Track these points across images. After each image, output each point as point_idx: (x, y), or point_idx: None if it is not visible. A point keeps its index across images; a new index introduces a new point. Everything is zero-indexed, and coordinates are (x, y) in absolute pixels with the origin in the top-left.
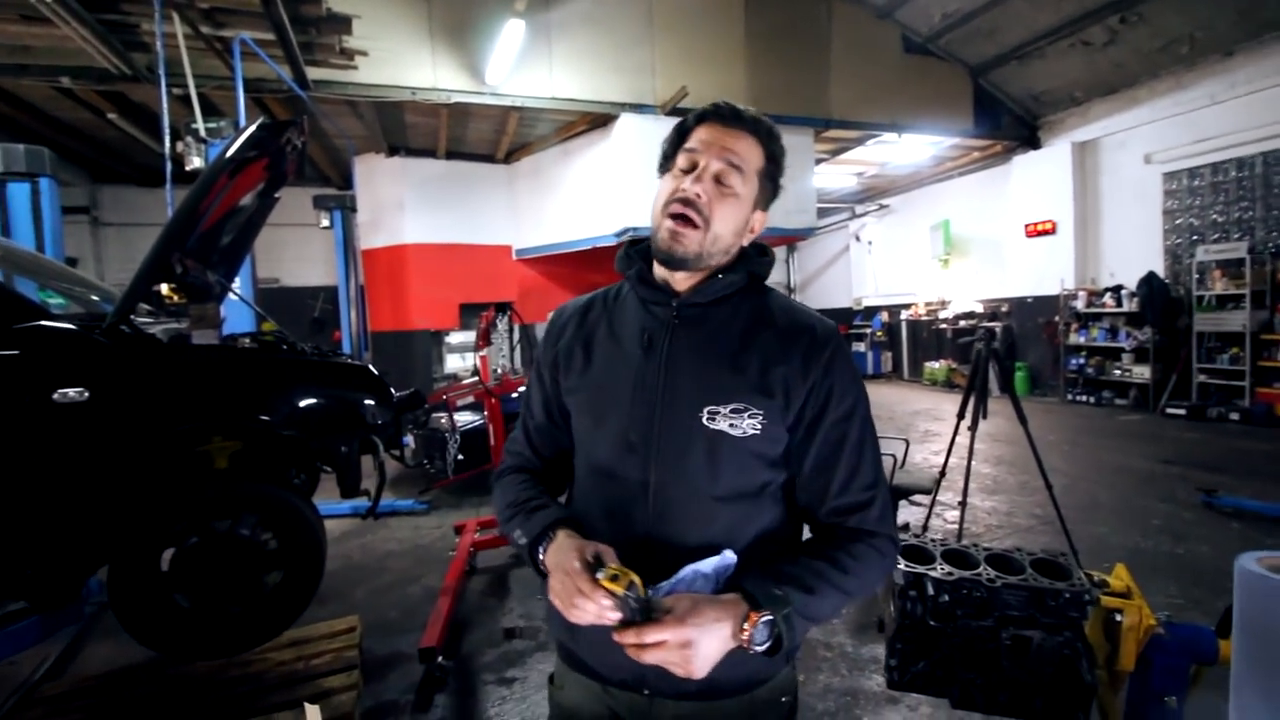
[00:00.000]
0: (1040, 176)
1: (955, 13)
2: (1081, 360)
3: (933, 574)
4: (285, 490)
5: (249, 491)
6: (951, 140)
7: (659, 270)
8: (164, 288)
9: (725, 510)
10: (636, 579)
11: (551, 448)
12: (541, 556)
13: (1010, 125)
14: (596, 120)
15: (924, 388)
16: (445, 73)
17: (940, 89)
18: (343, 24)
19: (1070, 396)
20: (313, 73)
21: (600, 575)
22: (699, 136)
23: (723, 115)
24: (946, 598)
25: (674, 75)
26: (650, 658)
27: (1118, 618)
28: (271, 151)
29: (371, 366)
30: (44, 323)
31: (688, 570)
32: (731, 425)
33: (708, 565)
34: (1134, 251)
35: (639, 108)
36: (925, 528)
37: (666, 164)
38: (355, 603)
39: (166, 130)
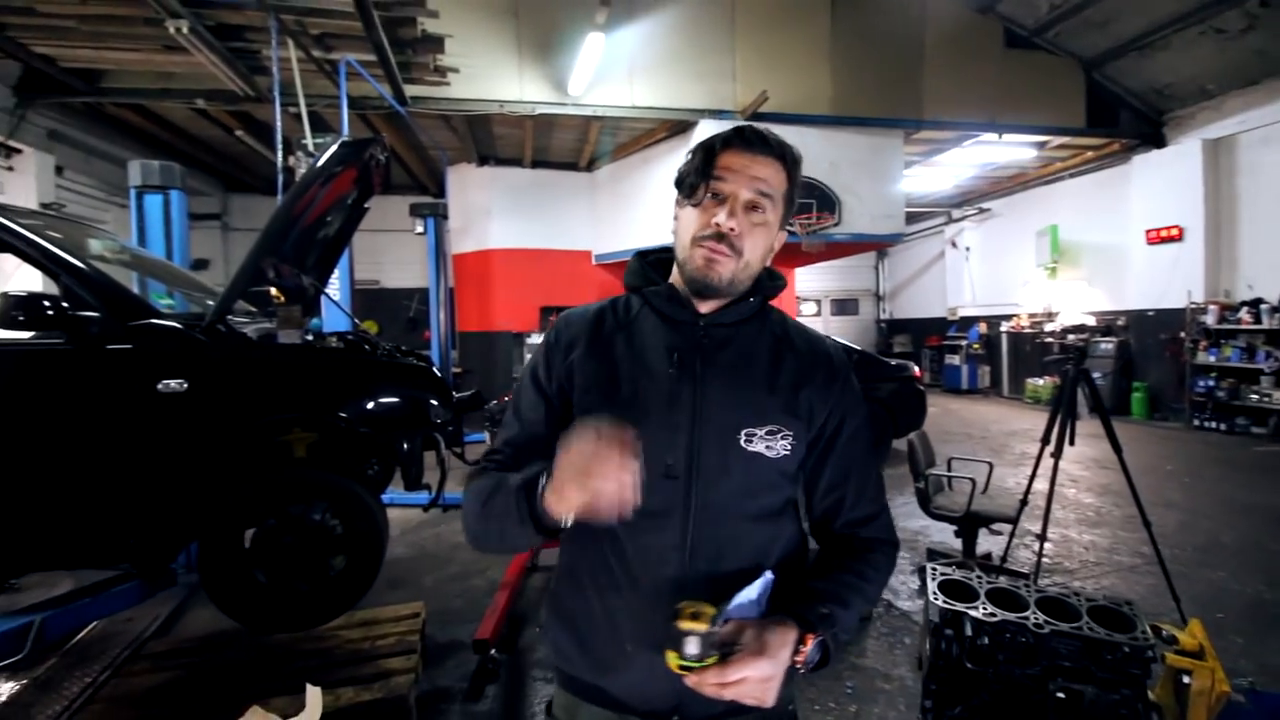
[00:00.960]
0: (1165, 177)
1: (1065, 3)
2: (1211, 382)
3: (972, 613)
4: (352, 481)
5: (321, 480)
6: (1060, 139)
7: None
8: (271, 290)
9: (758, 531)
10: (710, 610)
11: (532, 458)
12: (542, 487)
13: (1130, 122)
14: (676, 127)
15: (1024, 406)
16: (531, 86)
17: (1047, 85)
18: (436, 44)
19: (1196, 422)
20: (410, 89)
21: (681, 610)
22: (726, 164)
23: (749, 141)
24: (986, 640)
25: (755, 80)
26: (730, 694)
27: (1185, 679)
28: (357, 165)
29: (436, 368)
30: (154, 320)
31: (742, 599)
32: (768, 447)
33: (754, 591)
34: (1276, 261)
35: (718, 113)
36: (1004, 559)
37: (692, 191)
38: (423, 589)
39: (279, 145)
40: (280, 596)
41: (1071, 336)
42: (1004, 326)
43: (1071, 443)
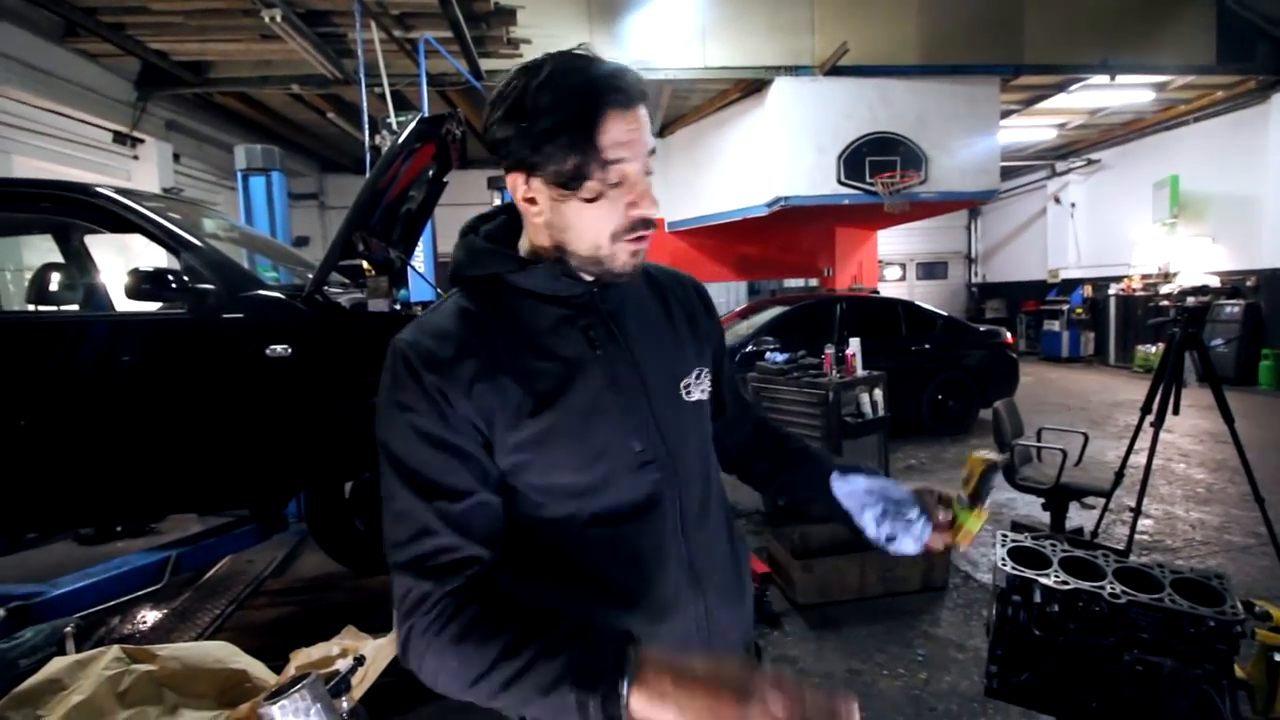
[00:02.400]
0: None
1: None
2: None
3: (1042, 580)
4: None
5: None
6: (1184, 79)
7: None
8: (362, 263)
9: (715, 480)
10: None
11: (496, 530)
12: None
13: (1269, 56)
14: (750, 87)
15: (1133, 375)
16: (602, 52)
17: (1169, 17)
18: (508, 15)
19: None
20: (485, 64)
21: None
22: (616, 139)
23: (631, 96)
24: (1056, 608)
25: (835, 31)
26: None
27: (1277, 657)
28: (434, 140)
29: None
30: (261, 292)
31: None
32: (701, 391)
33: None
34: None
35: (795, 70)
36: (1095, 534)
37: (579, 184)
38: None
39: (366, 124)
40: (376, 542)
41: (1192, 299)
42: (1112, 289)
43: (1176, 412)
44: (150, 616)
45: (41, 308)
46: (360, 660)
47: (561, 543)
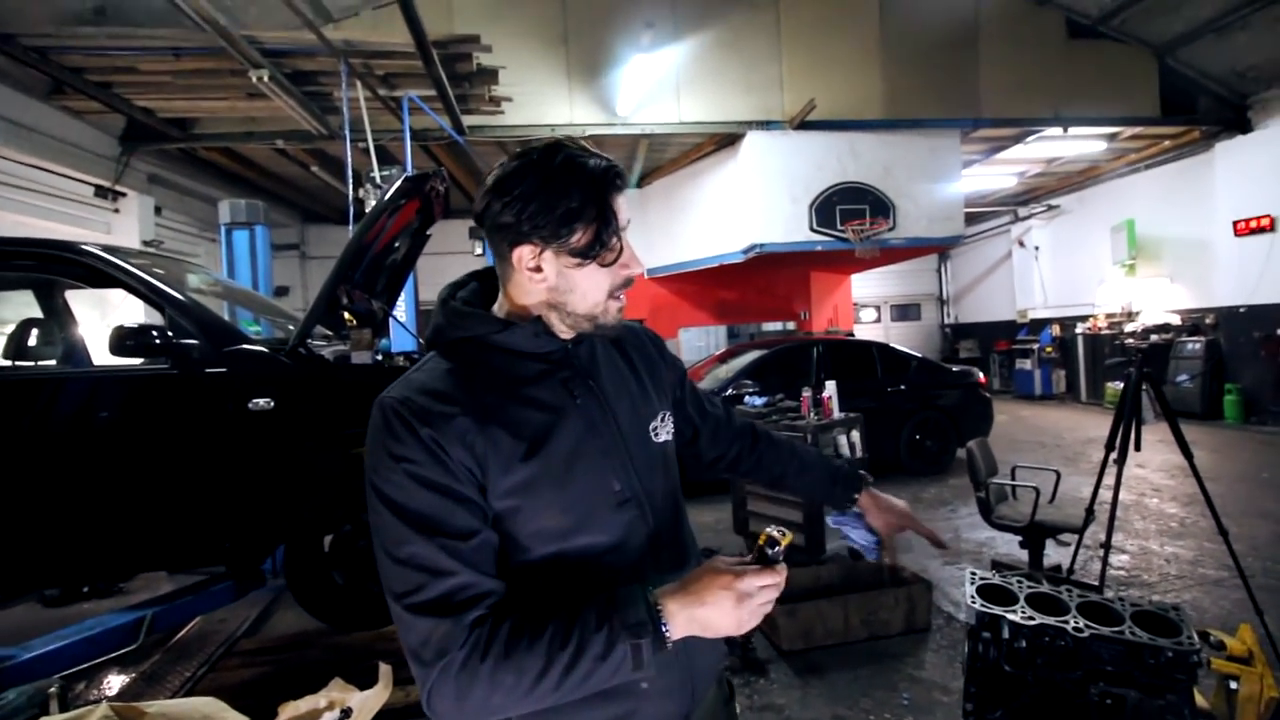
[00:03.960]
0: (1253, 164)
1: None
2: None
3: (1010, 616)
4: None
5: None
6: (1133, 130)
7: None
8: (345, 315)
9: (683, 512)
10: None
11: (498, 566)
12: (664, 618)
13: (1210, 108)
14: (723, 140)
15: (1104, 411)
16: (581, 109)
17: (1115, 73)
18: (491, 75)
19: None
20: (467, 120)
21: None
22: (619, 210)
23: (625, 181)
24: (1024, 643)
25: (802, 88)
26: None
27: (1233, 685)
28: (419, 197)
29: None
30: (244, 346)
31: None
32: (667, 432)
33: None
34: None
35: (766, 124)
36: (1071, 570)
37: (604, 251)
38: None
39: (350, 178)
40: (356, 596)
41: (1155, 336)
42: (1079, 328)
43: (1138, 448)
44: (118, 681)
45: (19, 363)
46: (347, 713)
47: (544, 581)
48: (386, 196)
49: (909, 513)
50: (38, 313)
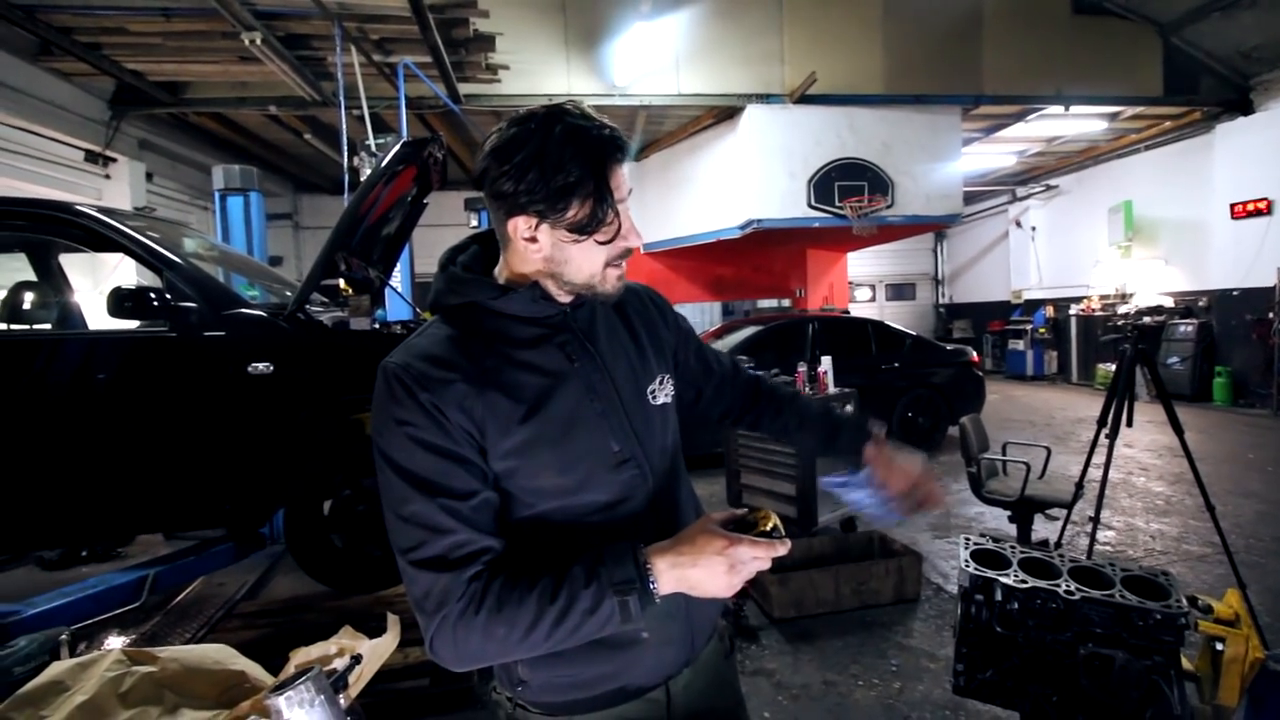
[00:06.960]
0: (1252, 146)
1: None
2: None
3: (1003, 579)
4: None
5: None
6: (1134, 110)
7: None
8: (340, 282)
9: (682, 476)
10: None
11: (498, 524)
12: (651, 574)
13: (1212, 88)
14: (723, 113)
15: (1095, 392)
16: (578, 79)
17: (1119, 51)
18: (487, 42)
19: None
20: (463, 88)
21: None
22: (618, 183)
23: (625, 151)
24: (1016, 606)
25: (803, 61)
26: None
27: (1219, 646)
28: (416, 164)
29: None
30: (244, 310)
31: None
32: (666, 394)
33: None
34: None
35: (766, 97)
36: (1059, 544)
37: (600, 227)
38: None
39: (344, 146)
40: (355, 560)
41: (1147, 319)
42: (1073, 309)
43: (1130, 424)
44: (118, 642)
45: (14, 326)
46: (357, 659)
47: (547, 536)
48: (384, 163)
49: (920, 473)
50: (32, 276)
